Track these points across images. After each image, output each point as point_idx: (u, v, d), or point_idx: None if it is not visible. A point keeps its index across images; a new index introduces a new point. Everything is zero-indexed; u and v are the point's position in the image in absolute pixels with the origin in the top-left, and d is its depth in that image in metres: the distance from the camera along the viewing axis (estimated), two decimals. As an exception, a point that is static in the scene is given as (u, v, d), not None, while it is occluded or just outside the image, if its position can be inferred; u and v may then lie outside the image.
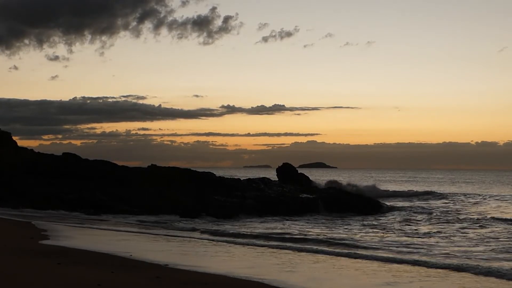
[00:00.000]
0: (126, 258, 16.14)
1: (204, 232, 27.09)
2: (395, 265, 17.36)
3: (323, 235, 26.33)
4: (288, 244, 22.47)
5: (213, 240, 23.73)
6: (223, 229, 28.65)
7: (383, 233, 27.75)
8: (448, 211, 41.73)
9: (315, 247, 21.60)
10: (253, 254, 19.54)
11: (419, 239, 25.24)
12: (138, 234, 24.76)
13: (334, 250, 21.04)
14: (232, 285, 12.73)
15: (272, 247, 21.49)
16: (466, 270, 16.50)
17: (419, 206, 45.44)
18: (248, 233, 26.84)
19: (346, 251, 20.72)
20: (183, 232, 27.13)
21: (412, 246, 22.66)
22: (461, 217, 36.46)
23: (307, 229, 29.18)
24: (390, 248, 21.93)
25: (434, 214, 39.03)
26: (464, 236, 26.73)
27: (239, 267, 15.79)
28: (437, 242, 24.15)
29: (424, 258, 19.12)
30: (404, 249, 21.56)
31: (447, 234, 27.30)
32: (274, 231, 28.25)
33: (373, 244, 23.09)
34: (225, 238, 24.54)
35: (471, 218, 35.29)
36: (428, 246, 22.67)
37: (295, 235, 26.28)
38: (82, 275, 12.57)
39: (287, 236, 25.84)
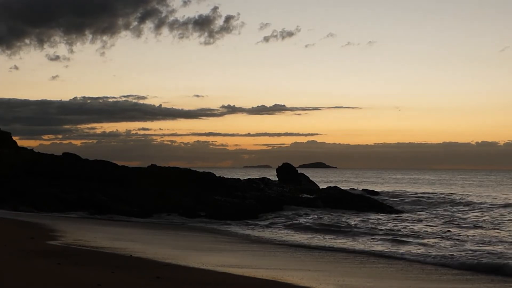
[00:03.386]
0: (127, 258, 16.11)
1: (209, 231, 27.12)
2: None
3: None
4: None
5: (214, 239, 23.71)
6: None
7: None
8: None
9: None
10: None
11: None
12: (138, 234, 24.73)
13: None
14: (234, 284, 12.70)
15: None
16: None
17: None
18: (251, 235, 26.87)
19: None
20: (183, 231, 27.11)
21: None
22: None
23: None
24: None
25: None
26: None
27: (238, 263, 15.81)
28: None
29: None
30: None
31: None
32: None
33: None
34: (228, 238, 24.54)
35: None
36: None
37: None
38: (82, 275, 12.54)
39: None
